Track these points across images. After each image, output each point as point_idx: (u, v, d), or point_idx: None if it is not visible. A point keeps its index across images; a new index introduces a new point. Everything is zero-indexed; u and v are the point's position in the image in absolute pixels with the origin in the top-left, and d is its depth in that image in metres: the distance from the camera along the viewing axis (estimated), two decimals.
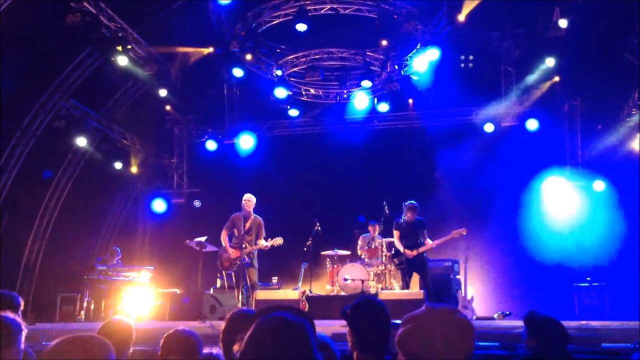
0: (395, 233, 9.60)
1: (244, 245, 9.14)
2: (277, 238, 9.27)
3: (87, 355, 2.26)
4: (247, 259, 9.17)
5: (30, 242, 13.08)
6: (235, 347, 2.48)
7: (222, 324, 3.07)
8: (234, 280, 9.40)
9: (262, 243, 9.16)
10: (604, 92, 11.33)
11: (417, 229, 9.47)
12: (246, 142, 13.92)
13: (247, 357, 1.78)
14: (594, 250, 11.01)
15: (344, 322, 2.91)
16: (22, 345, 2.78)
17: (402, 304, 8.60)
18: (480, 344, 5.42)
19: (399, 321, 6.15)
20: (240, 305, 9.18)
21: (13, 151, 12.17)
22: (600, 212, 11.40)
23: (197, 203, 13.99)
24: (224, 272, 9.47)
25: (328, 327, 5.94)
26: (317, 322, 3.02)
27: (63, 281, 12.03)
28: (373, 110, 13.59)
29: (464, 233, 9.62)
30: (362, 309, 2.84)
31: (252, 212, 9.34)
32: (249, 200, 9.33)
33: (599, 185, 11.78)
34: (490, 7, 11.45)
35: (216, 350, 3.13)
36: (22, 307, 3.99)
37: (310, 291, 10.74)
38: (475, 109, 13.06)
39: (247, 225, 9.26)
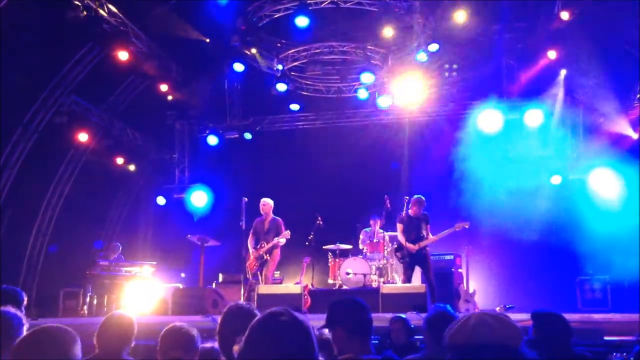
0: (399, 226, 9.60)
1: (262, 245, 9.66)
2: (284, 232, 9.66)
3: (54, 346, 2.29)
4: (266, 258, 9.62)
5: (33, 238, 13.10)
6: (235, 348, 2.46)
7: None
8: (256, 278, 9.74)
9: (275, 240, 9.61)
10: (606, 84, 11.29)
11: (421, 222, 9.46)
12: (247, 137, 13.91)
13: (248, 356, 1.74)
14: (596, 243, 11.00)
15: None
16: None
17: (404, 297, 8.62)
18: None
19: (403, 315, 6.11)
20: (242, 299, 9.22)
21: (15, 147, 12.16)
22: (602, 206, 11.38)
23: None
24: (250, 273, 9.74)
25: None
26: (319, 317, 3.03)
27: (66, 276, 12.05)
28: (374, 104, 13.57)
29: (467, 226, 9.62)
30: (339, 304, 2.99)
31: (270, 214, 9.82)
32: (264, 204, 9.83)
33: (601, 178, 11.76)
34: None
35: (217, 344, 3.14)
36: (25, 302, 3.99)
37: (312, 285, 10.76)
38: (476, 102, 13.02)
39: (266, 226, 9.75)
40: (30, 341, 2.31)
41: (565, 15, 10.70)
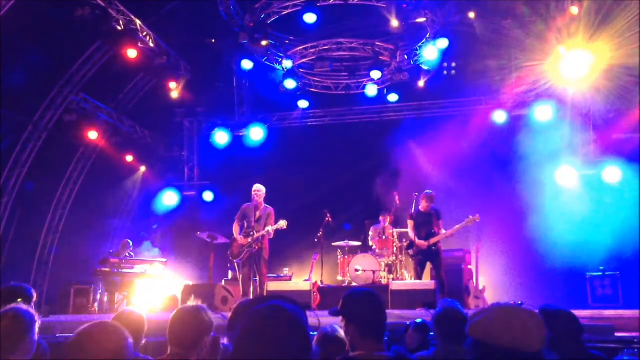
0: (410, 223, 9.59)
1: (252, 233, 9.14)
2: (280, 221, 9.16)
3: (105, 341, 2.29)
4: (255, 247, 9.13)
5: (43, 235, 13.20)
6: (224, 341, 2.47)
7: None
8: (245, 270, 9.35)
9: (268, 229, 9.09)
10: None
11: (431, 218, 9.44)
12: (256, 133, 13.93)
13: (243, 344, 1.76)
14: (607, 239, 10.93)
15: None
16: (36, 337, 2.81)
17: (414, 294, 8.61)
18: None
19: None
20: (251, 296, 9.21)
21: (25, 145, 12.25)
22: (613, 201, 11.30)
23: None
24: (234, 261, 9.37)
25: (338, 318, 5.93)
26: (326, 313, 3.03)
27: (76, 274, 12.12)
28: (383, 101, 13.55)
29: (478, 220, 9.56)
30: (355, 298, 2.91)
31: (262, 202, 9.35)
32: (259, 190, 9.34)
33: (612, 174, 11.67)
34: None
35: (227, 340, 3.15)
36: (35, 299, 4.02)
37: (322, 282, 10.77)
38: (485, 97, 12.96)
39: (257, 215, 9.27)
40: (87, 336, 2.31)
41: (575, 10, 10.62)
